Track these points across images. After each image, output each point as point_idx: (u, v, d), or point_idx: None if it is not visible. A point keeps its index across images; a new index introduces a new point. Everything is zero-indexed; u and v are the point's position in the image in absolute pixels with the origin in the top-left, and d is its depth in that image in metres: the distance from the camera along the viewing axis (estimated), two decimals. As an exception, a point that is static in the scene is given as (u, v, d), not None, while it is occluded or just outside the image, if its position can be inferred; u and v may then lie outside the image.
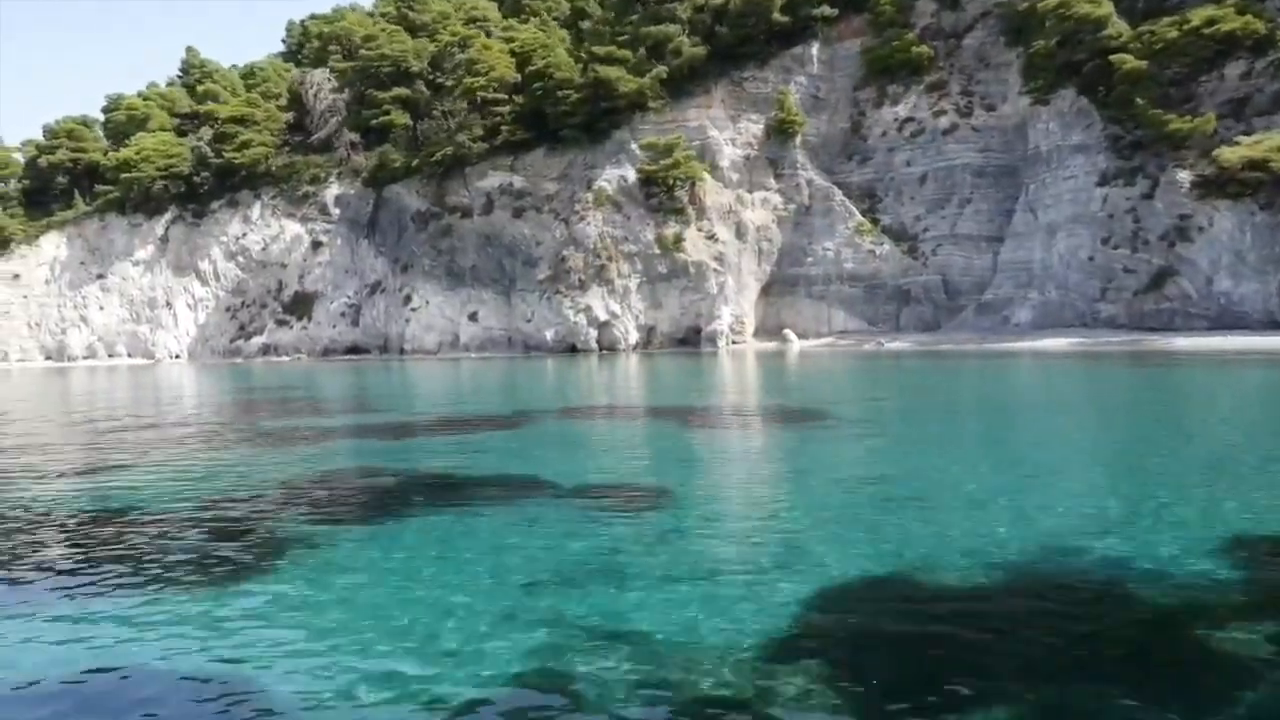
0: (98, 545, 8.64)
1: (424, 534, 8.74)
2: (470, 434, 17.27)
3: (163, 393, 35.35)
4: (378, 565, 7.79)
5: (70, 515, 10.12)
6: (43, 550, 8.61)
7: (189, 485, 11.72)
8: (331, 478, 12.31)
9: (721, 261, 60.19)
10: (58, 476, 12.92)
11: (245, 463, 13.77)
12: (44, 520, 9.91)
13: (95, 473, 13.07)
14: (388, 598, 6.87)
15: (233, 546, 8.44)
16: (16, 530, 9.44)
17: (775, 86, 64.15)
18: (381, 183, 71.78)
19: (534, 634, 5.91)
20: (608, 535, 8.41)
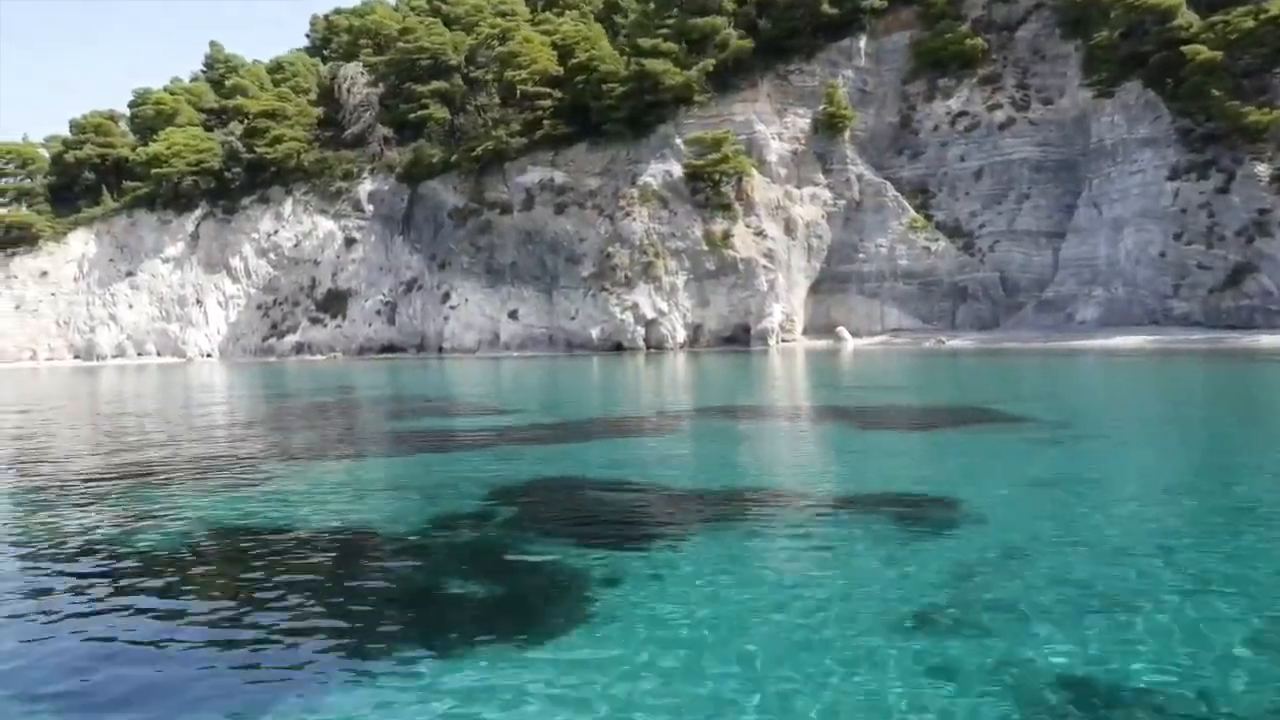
0: (324, 591, 6.89)
1: (723, 558, 7.43)
2: (648, 436, 16.08)
3: (237, 393, 34.11)
4: (695, 603, 6.29)
5: (269, 548, 8.83)
6: (266, 596, 6.94)
7: (393, 502, 10.51)
8: (556, 490, 11.09)
9: (771, 258, 58.99)
10: (231, 493, 11.70)
11: (436, 471, 12.57)
12: (247, 557, 8.47)
13: (269, 493, 11.85)
14: (728, 648, 5.44)
15: (496, 586, 7.00)
16: (244, 579, 8.05)
17: (822, 80, 62.97)
18: (416, 178, 70.54)
19: (971, 686, 4.71)
20: (938, 556, 7.20)
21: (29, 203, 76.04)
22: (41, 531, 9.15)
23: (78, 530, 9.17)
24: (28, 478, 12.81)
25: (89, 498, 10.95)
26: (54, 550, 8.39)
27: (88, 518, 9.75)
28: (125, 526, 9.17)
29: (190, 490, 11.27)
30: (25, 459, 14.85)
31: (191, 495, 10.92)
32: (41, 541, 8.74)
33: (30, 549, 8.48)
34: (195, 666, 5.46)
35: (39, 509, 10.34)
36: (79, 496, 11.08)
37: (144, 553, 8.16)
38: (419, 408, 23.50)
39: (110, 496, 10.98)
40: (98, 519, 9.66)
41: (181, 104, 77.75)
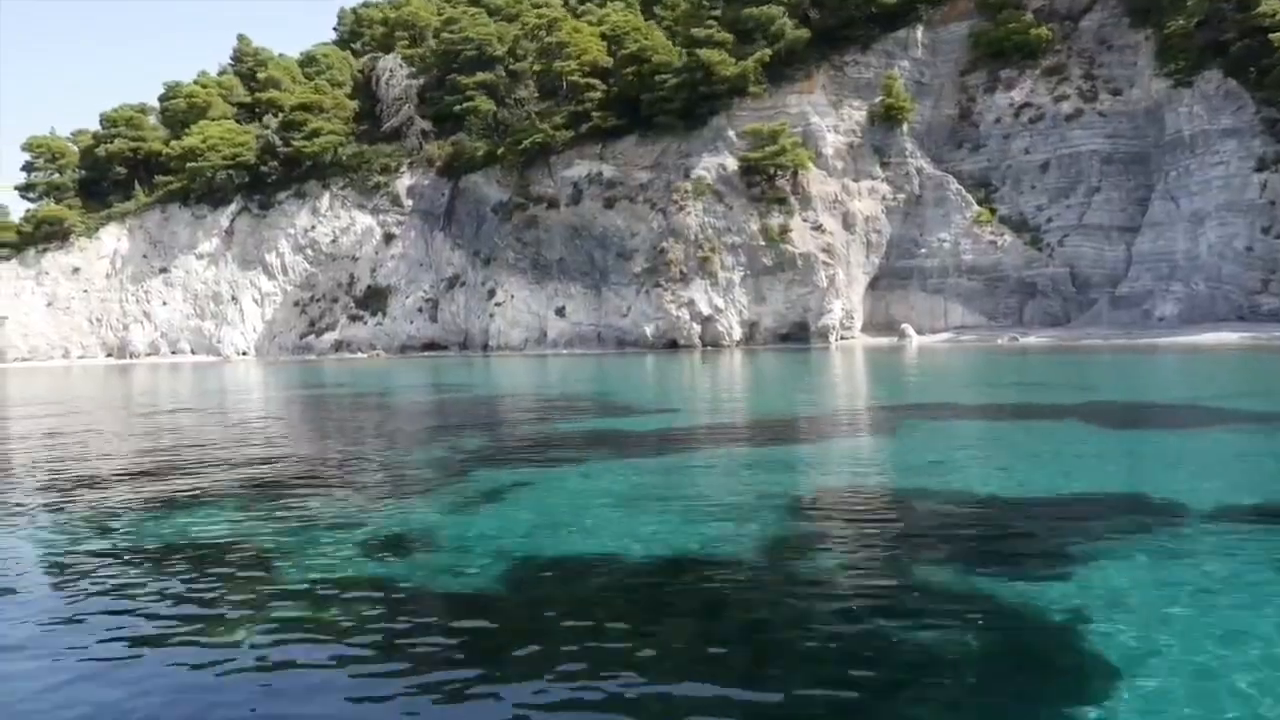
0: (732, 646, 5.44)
1: (1171, 577, 6.04)
2: (875, 436, 14.59)
3: (321, 394, 32.58)
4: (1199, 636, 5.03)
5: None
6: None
7: (693, 523, 9.00)
8: (872, 501, 9.59)
9: (830, 253, 57.50)
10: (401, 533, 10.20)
11: (697, 479, 11.07)
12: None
13: (562, 520, 10.30)
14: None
15: (955, 633, 5.37)
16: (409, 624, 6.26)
17: (878, 71, 61.50)
18: (458, 172, 69.07)
19: None
20: None
21: (58, 197, 74.46)
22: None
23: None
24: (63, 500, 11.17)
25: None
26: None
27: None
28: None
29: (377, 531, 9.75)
30: (65, 482, 12.39)
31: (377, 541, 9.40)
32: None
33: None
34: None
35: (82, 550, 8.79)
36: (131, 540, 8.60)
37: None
38: (565, 408, 21.89)
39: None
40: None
41: (214, 97, 76.25)
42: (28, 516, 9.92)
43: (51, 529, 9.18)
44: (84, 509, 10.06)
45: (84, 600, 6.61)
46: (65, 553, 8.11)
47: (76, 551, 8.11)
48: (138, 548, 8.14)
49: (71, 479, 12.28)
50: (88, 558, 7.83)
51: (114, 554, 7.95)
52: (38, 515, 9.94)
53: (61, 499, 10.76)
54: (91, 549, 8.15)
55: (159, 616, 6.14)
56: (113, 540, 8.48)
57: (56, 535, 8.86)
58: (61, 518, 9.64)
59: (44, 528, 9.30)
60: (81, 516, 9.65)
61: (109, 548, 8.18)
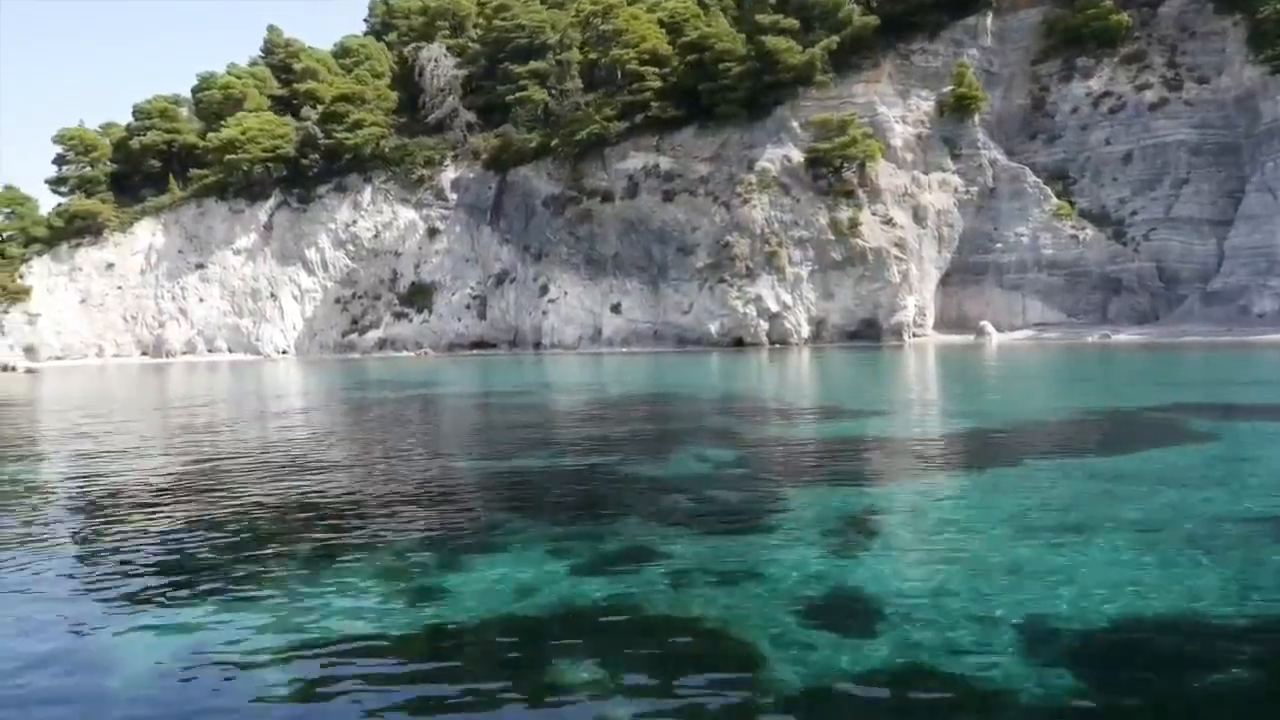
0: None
1: None
2: (1183, 446, 12.46)
3: (416, 396, 30.41)
4: None
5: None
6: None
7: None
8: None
9: (902, 248, 55.44)
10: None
11: (1039, 497, 8.96)
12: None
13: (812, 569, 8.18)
14: None
15: None
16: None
17: (946, 60, 59.55)
18: (505, 165, 66.93)
19: None
20: None
21: (90, 191, 72.20)
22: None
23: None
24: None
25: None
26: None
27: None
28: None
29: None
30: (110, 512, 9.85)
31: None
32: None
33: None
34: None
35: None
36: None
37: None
38: (771, 410, 19.73)
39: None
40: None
41: (249, 88, 74.00)
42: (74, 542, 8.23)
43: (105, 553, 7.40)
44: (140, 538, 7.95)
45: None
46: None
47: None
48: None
49: (117, 495, 10.17)
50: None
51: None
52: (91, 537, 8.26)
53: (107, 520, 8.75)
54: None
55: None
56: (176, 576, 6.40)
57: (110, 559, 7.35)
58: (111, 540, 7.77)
59: (99, 554, 7.48)
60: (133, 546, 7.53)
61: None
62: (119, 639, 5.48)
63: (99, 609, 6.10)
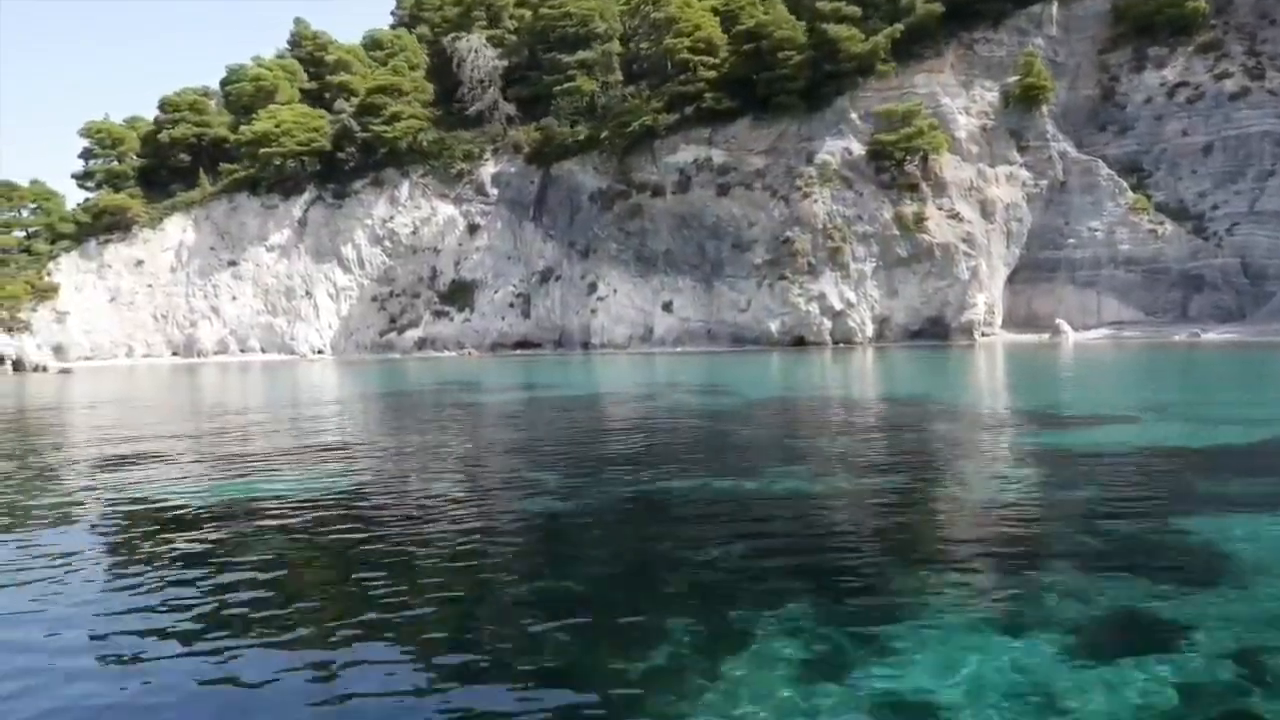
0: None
1: None
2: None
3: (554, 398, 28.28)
4: None
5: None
6: None
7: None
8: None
9: (971, 243, 53.38)
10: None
11: None
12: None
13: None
14: None
15: None
16: None
17: (1010, 49, 57.51)
18: (548, 158, 64.83)
19: None
20: None
21: (118, 186, 70.08)
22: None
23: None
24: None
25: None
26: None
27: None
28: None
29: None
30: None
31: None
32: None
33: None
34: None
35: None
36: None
37: None
38: (946, 414, 17.69)
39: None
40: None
41: (281, 80, 71.87)
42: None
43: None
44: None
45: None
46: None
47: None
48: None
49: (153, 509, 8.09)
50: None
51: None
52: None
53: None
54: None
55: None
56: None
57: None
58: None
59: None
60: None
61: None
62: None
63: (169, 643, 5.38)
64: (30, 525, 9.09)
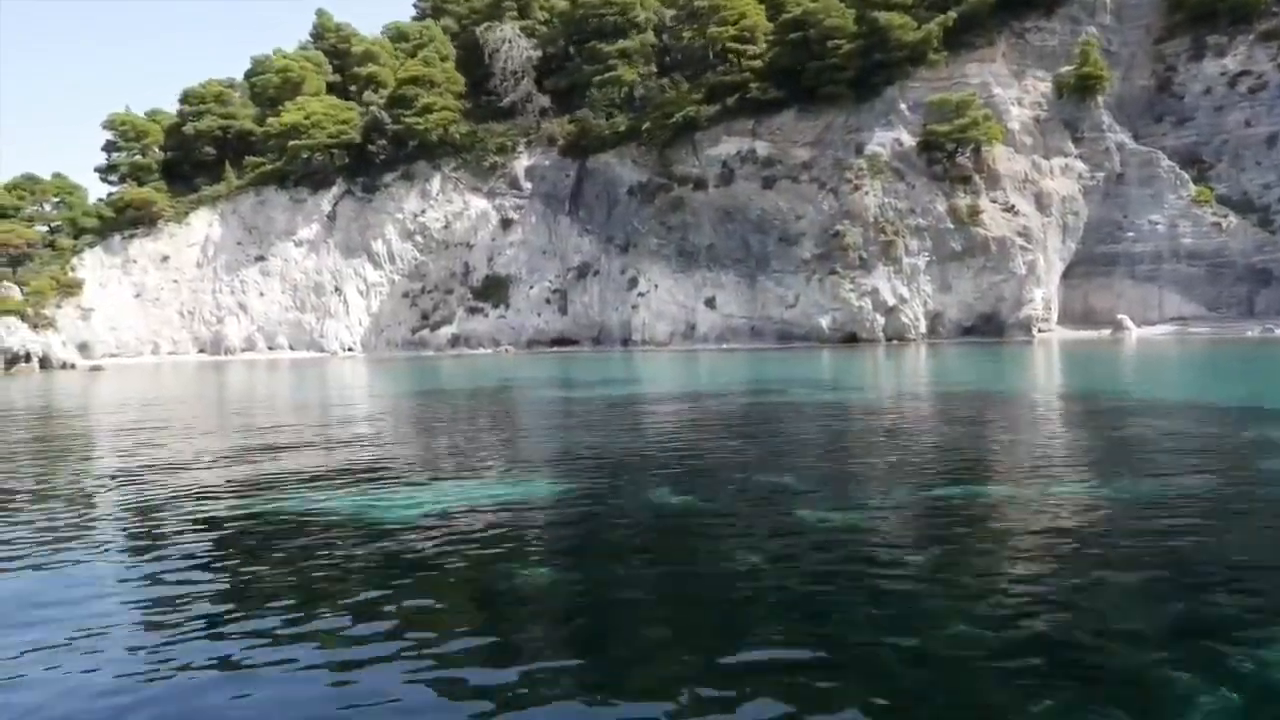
0: None
1: None
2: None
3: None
4: None
5: None
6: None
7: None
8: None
9: (1027, 237, 51.95)
10: None
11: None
12: None
13: None
14: None
15: None
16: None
17: (1062, 39, 56.19)
18: (584, 151, 63.40)
19: None
20: None
21: (142, 180, 68.52)
22: None
23: None
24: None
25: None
26: None
27: None
28: None
29: None
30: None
31: None
32: None
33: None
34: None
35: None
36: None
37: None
38: (1146, 411, 16.16)
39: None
40: None
41: (309, 71, 70.35)
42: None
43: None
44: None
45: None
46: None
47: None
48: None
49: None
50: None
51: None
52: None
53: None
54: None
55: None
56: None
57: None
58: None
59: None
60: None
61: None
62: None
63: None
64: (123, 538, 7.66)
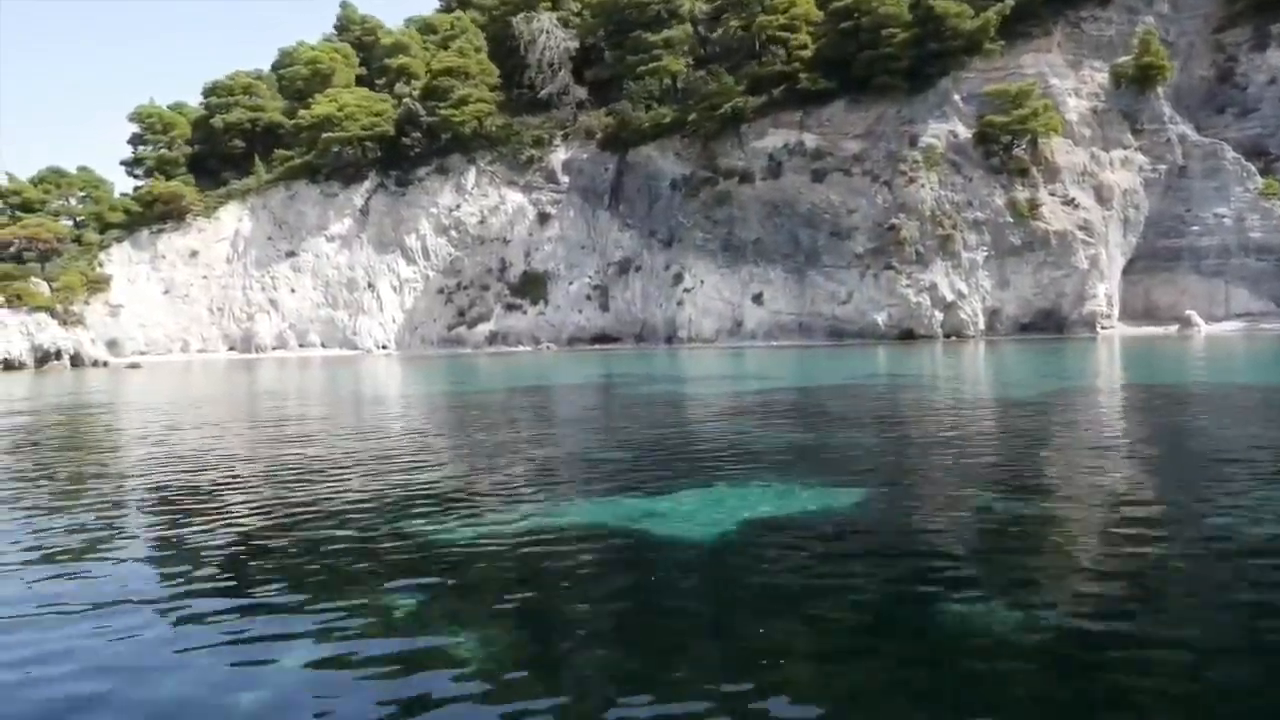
0: None
1: None
2: None
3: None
4: None
5: None
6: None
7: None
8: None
9: (1089, 231, 50.59)
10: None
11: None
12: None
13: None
14: None
15: None
16: None
17: (1119, 28, 54.89)
18: (624, 144, 61.93)
19: None
20: None
21: (169, 173, 67.00)
22: None
23: None
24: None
25: None
26: None
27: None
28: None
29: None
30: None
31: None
32: None
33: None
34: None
35: None
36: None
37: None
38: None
39: None
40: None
41: (339, 63, 68.85)
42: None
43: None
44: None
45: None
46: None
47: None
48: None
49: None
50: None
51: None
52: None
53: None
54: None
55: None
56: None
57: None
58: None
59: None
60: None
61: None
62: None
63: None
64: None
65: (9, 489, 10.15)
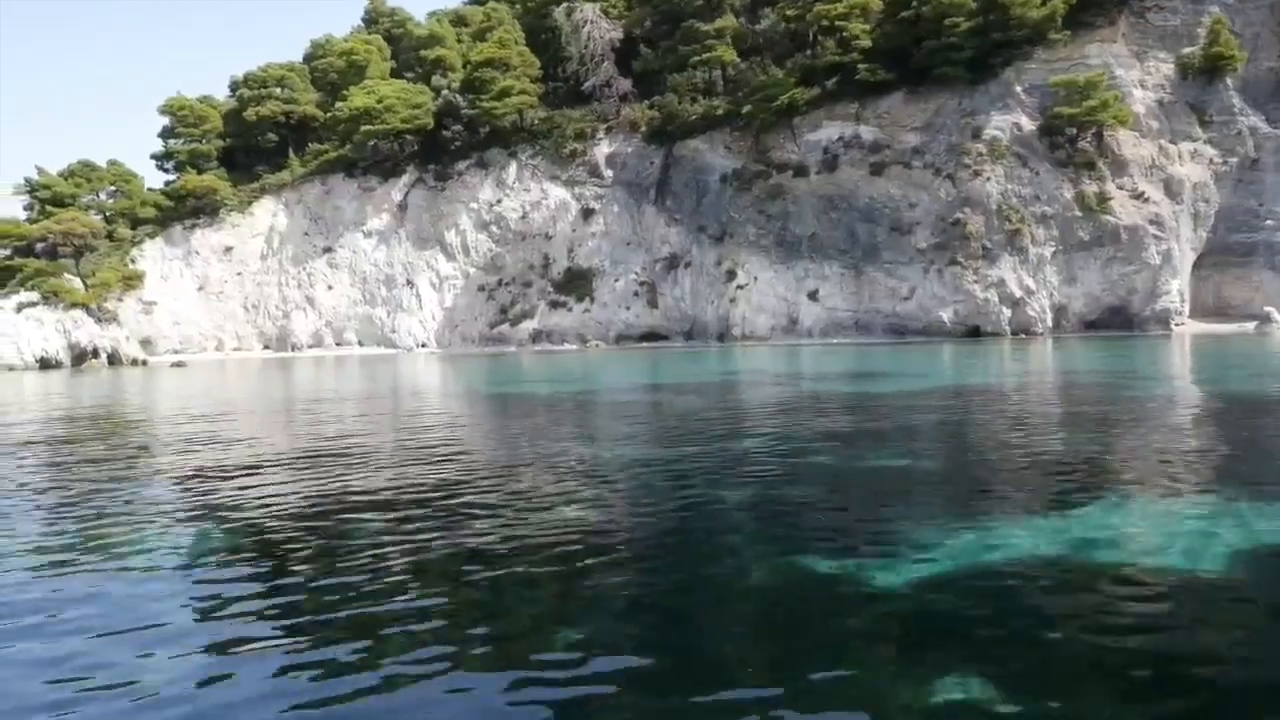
0: None
1: None
2: None
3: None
4: None
5: None
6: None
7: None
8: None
9: (1160, 225, 49.25)
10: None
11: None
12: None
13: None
14: None
15: None
16: None
17: (1184, 18, 53.52)
18: (670, 137, 60.41)
19: None
20: None
21: (200, 167, 65.33)
22: None
23: None
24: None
25: None
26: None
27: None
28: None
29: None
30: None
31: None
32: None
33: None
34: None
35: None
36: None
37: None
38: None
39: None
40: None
41: (373, 55, 67.24)
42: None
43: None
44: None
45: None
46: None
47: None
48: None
49: None
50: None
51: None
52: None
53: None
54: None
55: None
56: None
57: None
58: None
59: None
60: None
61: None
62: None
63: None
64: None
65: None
